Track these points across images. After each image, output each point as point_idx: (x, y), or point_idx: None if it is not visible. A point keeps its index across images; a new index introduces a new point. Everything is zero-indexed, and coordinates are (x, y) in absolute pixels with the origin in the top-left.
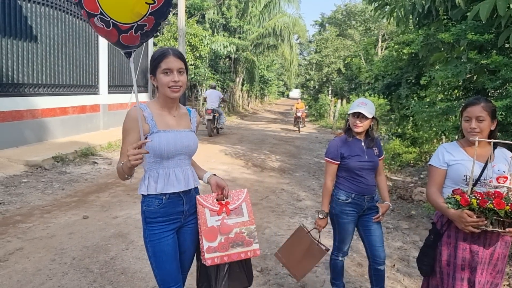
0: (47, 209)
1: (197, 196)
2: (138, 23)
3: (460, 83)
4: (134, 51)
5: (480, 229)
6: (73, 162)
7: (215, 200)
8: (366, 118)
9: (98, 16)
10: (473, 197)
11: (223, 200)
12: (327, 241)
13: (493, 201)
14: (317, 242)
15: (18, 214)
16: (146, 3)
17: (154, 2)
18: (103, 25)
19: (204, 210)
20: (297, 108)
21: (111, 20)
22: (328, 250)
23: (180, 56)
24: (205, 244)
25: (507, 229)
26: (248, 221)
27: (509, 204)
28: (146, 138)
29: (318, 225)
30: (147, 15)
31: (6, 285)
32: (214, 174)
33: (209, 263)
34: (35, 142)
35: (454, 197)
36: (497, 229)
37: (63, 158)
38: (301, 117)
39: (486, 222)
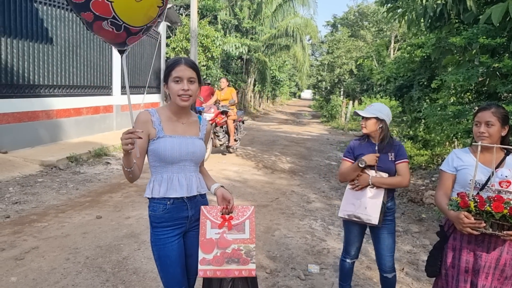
0: (62, 208)
1: (202, 207)
2: (148, 25)
3: (472, 87)
4: (127, 49)
5: (478, 232)
6: (86, 162)
7: (219, 213)
8: (371, 119)
9: (109, 20)
10: (472, 200)
11: (228, 214)
12: (336, 243)
13: (492, 204)
14: (375, 171)
15: (33, 213)
16: (158, 6)
17: (162, 5)
18: (112, 28)
19: (205, 221)
20: (219, 101)
21: (123, 24)
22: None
23: (192, 66)
24: (200, 255)
25: (504, 232)
26: (248, 239)
27: (508, 208)
28: (140, 137)
29: (373, 158)
30: (156, 17)
31: (22, 283)
32: (222, 186)
33: (201, 275)
34: (50, 142)
35: (456, 200)
36: (496, 232)
37: (77, 158)
38: (223, 121)
39: (484, 224)
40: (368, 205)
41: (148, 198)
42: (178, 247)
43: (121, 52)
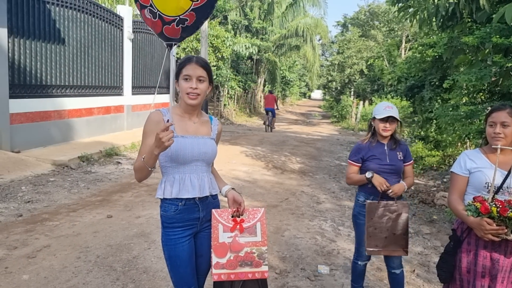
0: (73, 207)
1: (213, 210)
2: (180, 17)
3: (484, 87)
4: (175, 44)
5: (500, 238)
6: (97, 162)
7: (230, 216)
8: (394, 122)
9: (148, 7)
10: (493, 205)
11: (238, 217)
12: (346, 244)
13: None
14: (394, 201)
15: (45, 212)
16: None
17: (197, 0)
18: (150, 16)
19: (217, 225)
20: None
21: (158, 12)
22: (407, 202)
23: (203, 65)
24: (213, 259)
25: None
26: (260, 242)
27: None
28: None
29: (381, 184)
30: (188, 10)
31: (34, 281)
32: (233, 188)
33: (215, 279)
34: (61, 142)
35: (474, 205)
36: None
37: (88, 158)
38: None
39: (506, 230)
40: (394, 245)
41: (160, 198)
42: (188, 248)
43: (168, 47)
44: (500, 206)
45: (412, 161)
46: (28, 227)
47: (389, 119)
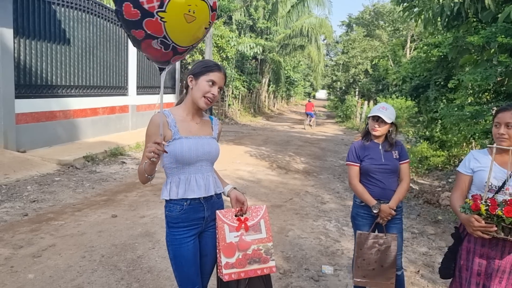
0: (78, 207)
1: (217, 211)
2: (193, 45)
3: (490, 87)
4: (167, 68)
5: (490, 235)
6: (102, 161)
7: (234, 216)
8: (385, 123)
9: (159, 39)
10: (483, 203)
11: (242, 216)
12: (350, 244)
13: (503, 209)
14: (384, 234)
15: (50, 211)
16: (205, 28)
17: (209, 26)
18: (161, 47)
19: (223, 226)
20: None
21: (172, 44)
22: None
23: (225, 76)
24: (223, 260)
25: None
26: (266, 238)
27: None
28: (167, 144)
29: (387, 216)
30: (202, 37)
31: (39, 280)
32: (235, 188)
33: (226, 279)
34: (67, 142)
35: (468, 202)
36: (507, 237)
37: (93, 158)
38: None
39: (495, 228)
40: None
41: (166, 199)
42: (193, 247)
43: (161, 69)
44: (490, 204)
45: (408, 160)
46: (34, 227)
47: (379, 119)
